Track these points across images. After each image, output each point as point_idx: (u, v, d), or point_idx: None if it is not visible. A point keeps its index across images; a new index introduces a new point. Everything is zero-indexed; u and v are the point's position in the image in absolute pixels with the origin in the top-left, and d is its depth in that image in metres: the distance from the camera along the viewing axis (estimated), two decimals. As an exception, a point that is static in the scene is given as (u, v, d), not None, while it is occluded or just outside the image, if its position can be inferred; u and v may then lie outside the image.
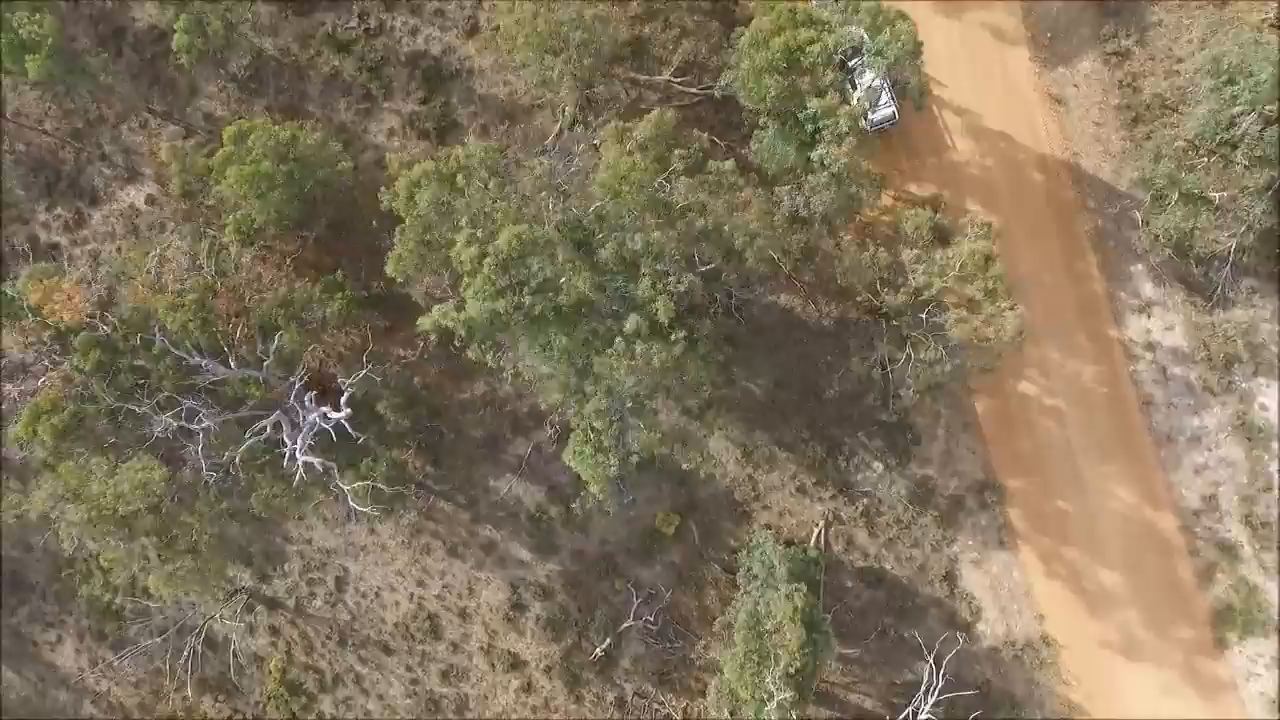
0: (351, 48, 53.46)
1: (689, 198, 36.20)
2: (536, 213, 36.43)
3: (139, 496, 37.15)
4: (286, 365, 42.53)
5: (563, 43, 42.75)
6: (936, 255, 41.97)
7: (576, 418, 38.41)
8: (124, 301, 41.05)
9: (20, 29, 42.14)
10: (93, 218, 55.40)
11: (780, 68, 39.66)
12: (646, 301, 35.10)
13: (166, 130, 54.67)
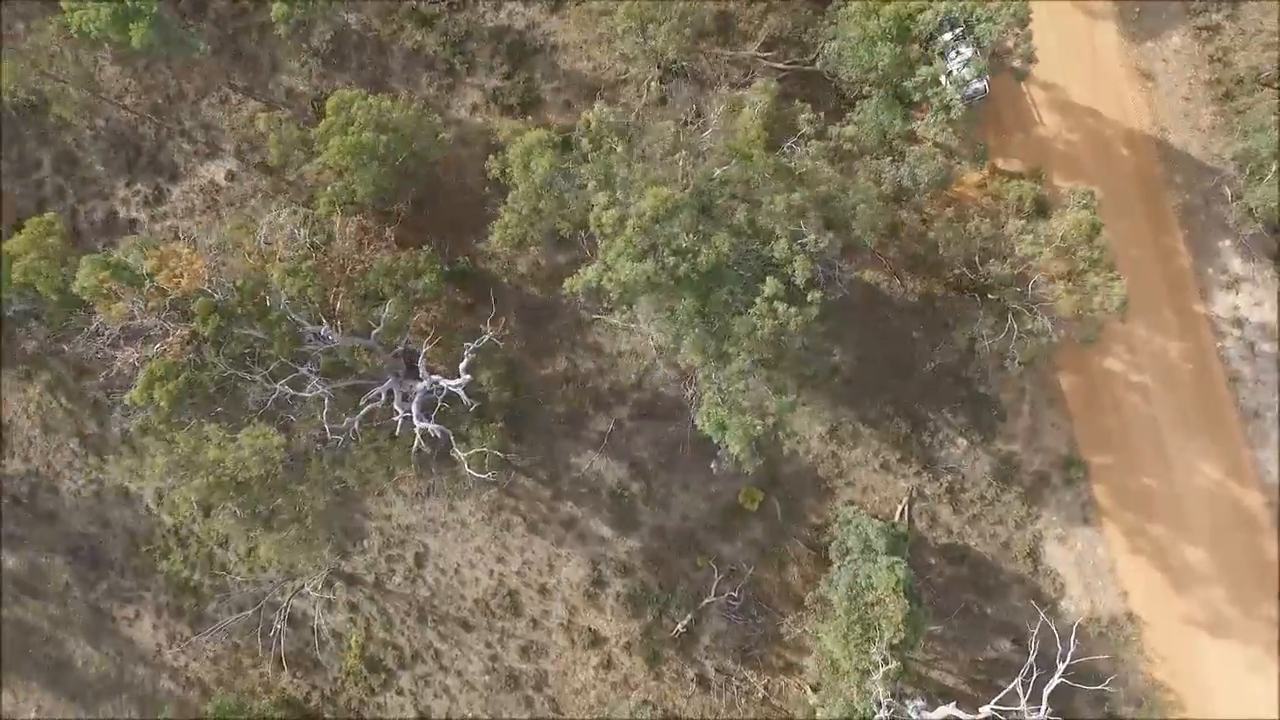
0: (435, 22, 53.34)
1: (814, 163, 36.03)
2: (670, 175, 36.19)
3: (258, 462, 37.08)
4: (393, 334, 42.40)
5: (665, 12, 42.54)
6: (1040, 226, 41.76)
7: (709, 380, 38.25)
8: (231, 270, 40.87)
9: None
10: (172, 193, 55.37)
11: (892, 35, 39.51)
12: (783, 262, 34.99)
13: (248, 105, 54.62)
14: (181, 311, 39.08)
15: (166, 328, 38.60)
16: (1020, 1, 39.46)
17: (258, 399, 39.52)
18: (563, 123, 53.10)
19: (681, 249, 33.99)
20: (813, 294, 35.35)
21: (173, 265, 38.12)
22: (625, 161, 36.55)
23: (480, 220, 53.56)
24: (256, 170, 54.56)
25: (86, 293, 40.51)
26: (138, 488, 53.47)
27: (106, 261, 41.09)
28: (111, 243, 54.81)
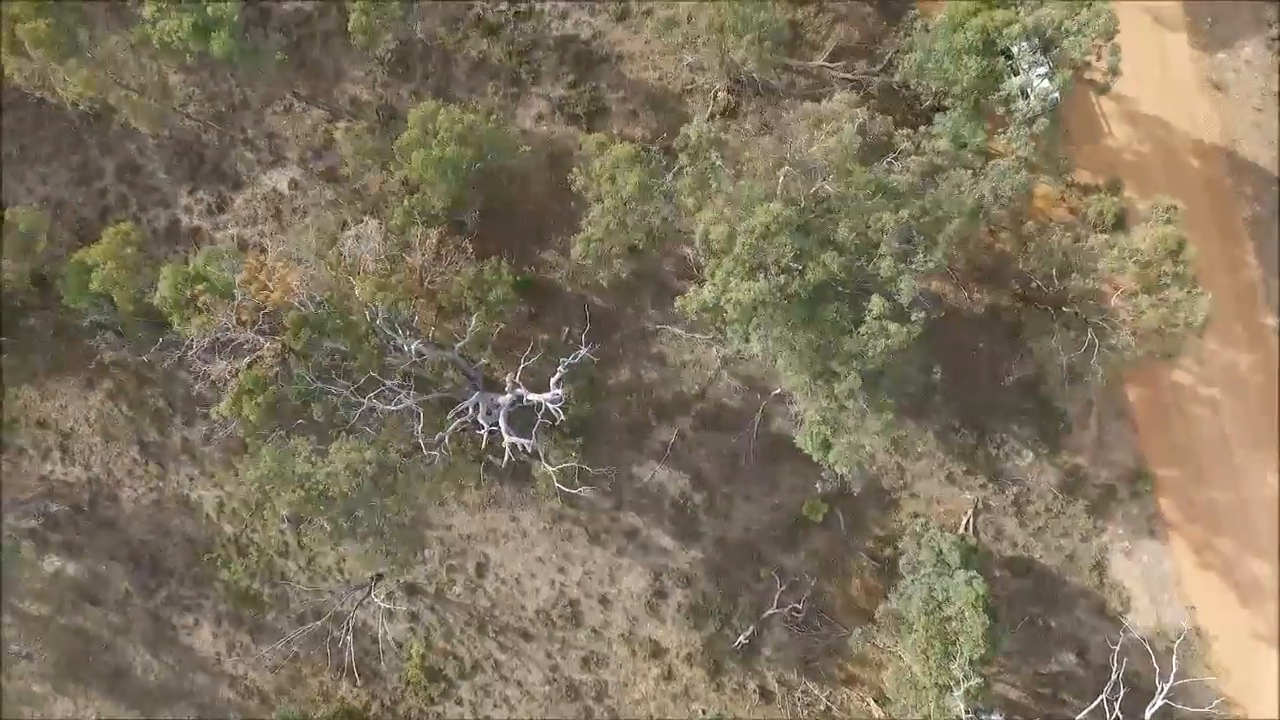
0: (500, 31, 53.27)
1: (912, 178, 35.86)
2: (771, 190, 35.99)
3: (349, 477, 36.97)
4: (478, 347, 42.33)
5: (746, 25, 42.44)
6: (1122, 240, 41.55)
7: (811, 399, 38.03)
8: (315, 282, 40.74)
9: (207, 6, 41.98)
10: (235, 202, 55.33)
11: (978, 48, 39.34)
12: (888, 280, 34.81)
13: (311, 113, 54.59)
14: (270, 324, 38.99)
15: (256, 341, 38.48)
16: (1109, 14, 39.20)
17: (344, 412, 39.40)
18: (629, 132, 53.10)
19: (789, 266, 33.84)
20: (916, 313, 35.19)
21: (263, 278, 38.02)
22: (729, 177, 36.36)
23: (544, 229, 53.67)
24: (320, 178, 54.51)
25: (168, 304, 40.46)
26: (216, 498, 53.52)
27: (188, 271, 41.03)
28: (175, 250, 54.90)
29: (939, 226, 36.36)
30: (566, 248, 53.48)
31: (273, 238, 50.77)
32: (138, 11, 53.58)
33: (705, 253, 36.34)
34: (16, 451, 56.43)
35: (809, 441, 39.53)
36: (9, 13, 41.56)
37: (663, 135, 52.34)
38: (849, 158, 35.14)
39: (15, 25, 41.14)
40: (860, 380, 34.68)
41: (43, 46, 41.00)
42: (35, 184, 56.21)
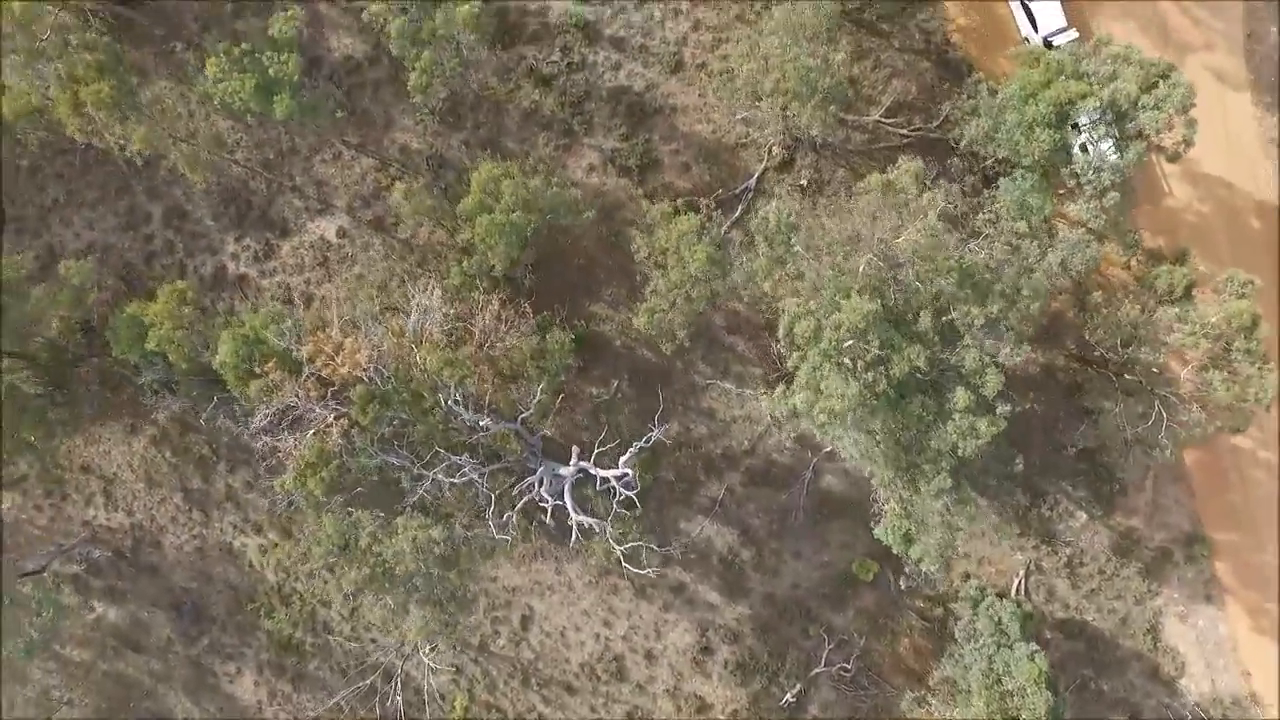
0: (552, 82, 52.75)
1: (992, 258, 35.21)
2: (855, 275, 35.31)
3: (415, 556, 36.55)
4: (541, 418, 41.90)
5: (810, 90, 41.90)
6: (1191, 311, 40.90)
7: (892, 492, 37.49)
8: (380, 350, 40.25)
9: (270, 68, 41.57)
10: (282, 249, 54.93)
11: (1051, 121, 38.74)
12: (973, 373, 34.24)
13: (361, 162, 54.18)
14: (334, 394, 38.52)
15: (321, 414, 38.04)
16: (1185, 88, 38.55)
17: (406, 485, 38.94)
18: (681, 185, 52.62)
19: (874, 361, 33.25)
20: (1002, 406, 34.60)
21: (330, 350, 37.56)
22: (809, 262, 35.75)
23: (595, 281, 53.17)
24: (368, 227, 54.13)
25: (227, 369, 40.10)
26: (259, 546, 53.18)
27: (246, 334, 40.62)
28: (221, 297, 54.57)
29: (1016, 309, 35.67)
30: (617, 300, 53.28)
31: (334, 301, 49.92)
32: (184, 56, 53.93)
33: (788, 344, 35.77)
34: (60, 497, 56.11)
35: (891, 536, 38.89)
36: (71, 72, 41.17)
37: (718, 190, 51.98)
38: (934, 247, 34.36)
39: (78, 88, 40.77)
40: (950, 480, 34.12)
41: (105, 109, 40.63)
42: (82, 229, 55.90)
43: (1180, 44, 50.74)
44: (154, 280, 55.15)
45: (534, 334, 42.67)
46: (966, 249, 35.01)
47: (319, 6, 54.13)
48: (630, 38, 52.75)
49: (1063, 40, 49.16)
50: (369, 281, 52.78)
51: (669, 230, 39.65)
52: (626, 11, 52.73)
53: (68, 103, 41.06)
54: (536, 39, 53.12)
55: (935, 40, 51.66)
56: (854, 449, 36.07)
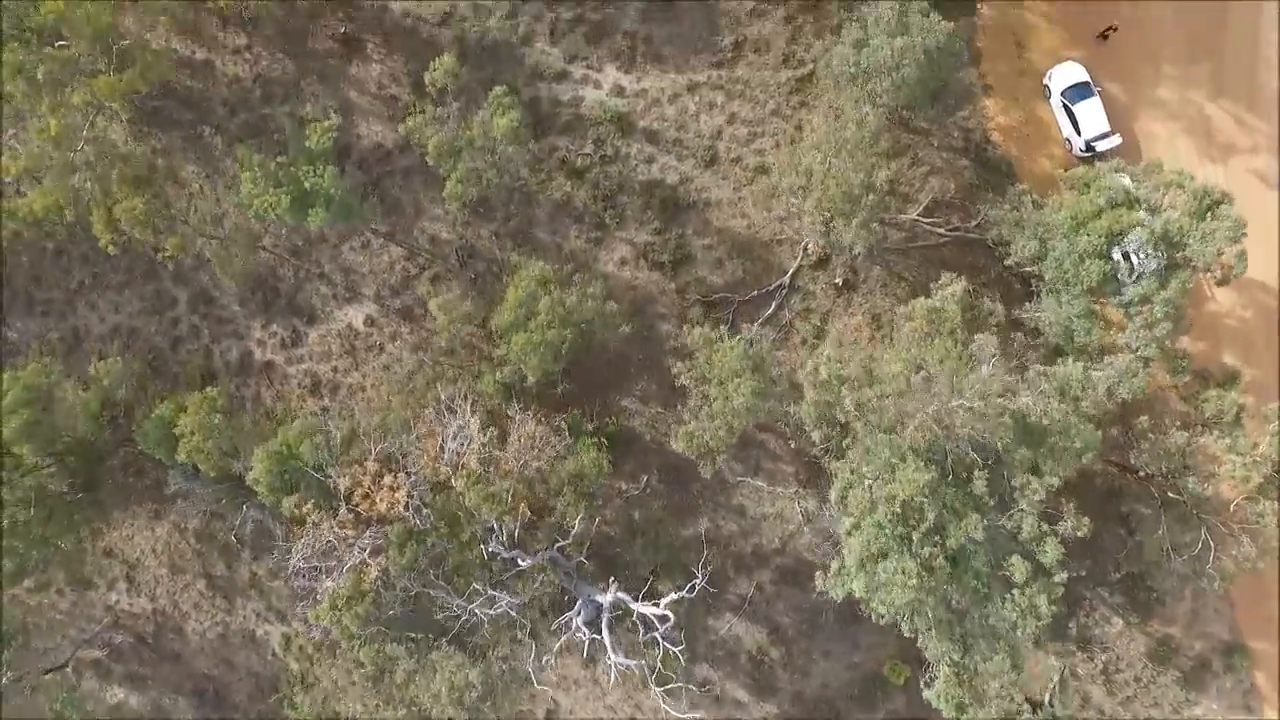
0: (585, 175, 52.11)
1: (1046, 414, 34.35)
2: (898, 419, 34.49)
3: (451, 695, 35.98)
4: (579, 547, 41.33)
5: (852, 204, 41.20)
6: (1240, 439, 40.06)
7: (945, 657, 36.71)
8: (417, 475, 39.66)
9: (305, 181, 41.01)
10: (309, 336, 54.39)
11: (1102, 252, 37.99)
12: (1031, 540, 33.52)
13: (390, 250, 53.61)
14: (372, 531, 37.95)
15: (359, 551, 37.47)
16: (1234, 220, 37.73)
17: (442, 617, 38.40)
18: (714, 280, 51.92)
19: (929, 532, 32.50)
20: (1059, 574, 33.84)
21: (368, 484, 37.05)
22: (860, 424, 34.93)
23: (625, 377, 52.48)
24: (396, 316, 53.58)
25: (261, 486, 39.60)
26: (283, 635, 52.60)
27: (281, 451, 40.11)
28: (246, 383, 53.99)
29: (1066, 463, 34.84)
30: (647, 395, 52.63)
31: (367, 412, 49.25)
32: (212, 139, 53.41)
33: (840, 508, 35.06)
34: (83, 581, 55.66)
35: (944, 703, 37.94)
36: (105, 188, 40.64)
37: (751, 289, 51.30)
38: (991, 409, 33.47)
39: (114, 206, 40.25)
40: (1010, 659, 33.39)
41: (139, 226, 40.13)
42: (108, 312, 55.45)
43: (1224, 145, 49.90)
44: (180, 365, 54.90)
45: (567, 451, 41.90)
46: (1018, 400, 34.21)
47: (349, 94, 53.57)
48: (664, 131, 52.07)
49: (1106, 146, 48.44)
50: (400, 380, 52.13)
51: (711, 358, 38.96)
52: (660, 104, 52.04)
53: (102, 220, 40.58)
54: (569, 130, 52.49)
55: (975, 138, 50.88)
56: (896, 616, 35.29)
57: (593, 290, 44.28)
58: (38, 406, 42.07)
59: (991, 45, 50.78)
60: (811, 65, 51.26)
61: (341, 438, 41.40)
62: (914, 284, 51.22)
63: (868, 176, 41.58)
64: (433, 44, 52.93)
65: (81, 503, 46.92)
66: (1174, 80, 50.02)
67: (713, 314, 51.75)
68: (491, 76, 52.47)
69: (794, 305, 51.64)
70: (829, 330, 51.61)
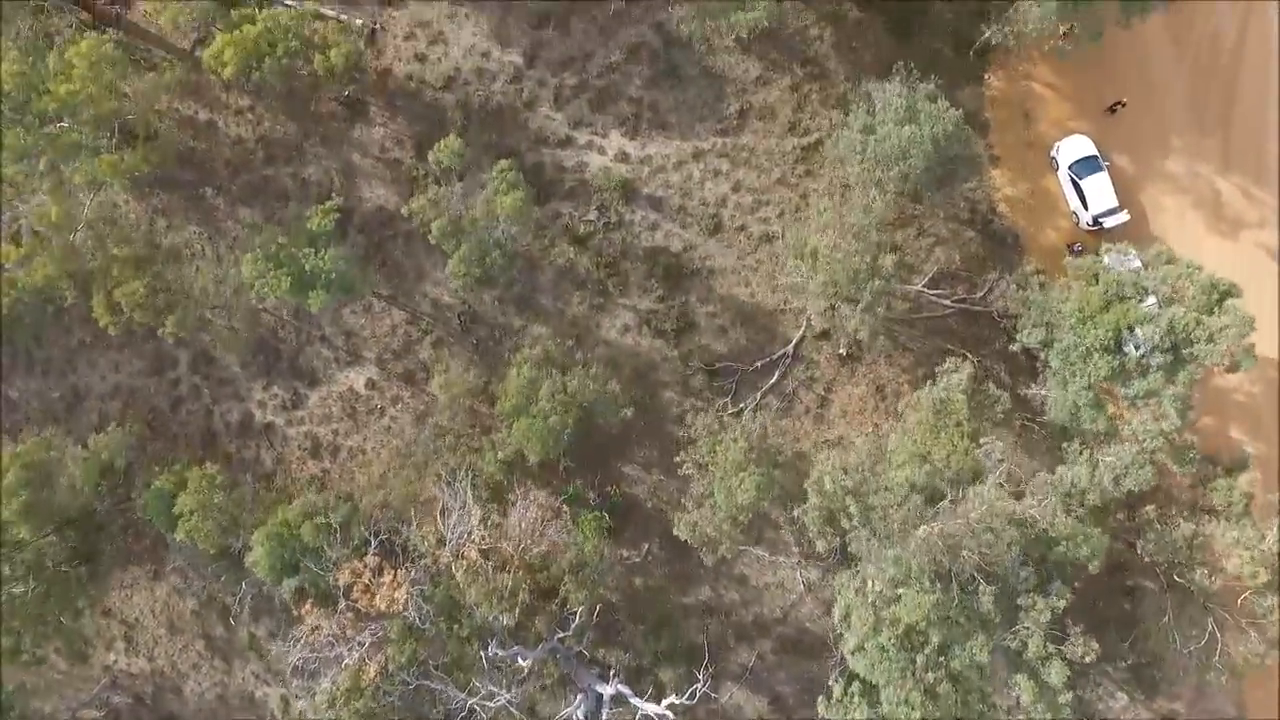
0: (588, 241, 51.80)
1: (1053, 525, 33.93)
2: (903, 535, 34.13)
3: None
4: (579, 637, 41.03)
5: (857, 289, 40.92)
6: (1249, 531, 39.65)
7: None
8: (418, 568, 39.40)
9: (306, 263, 40.77)
10: (309, 399, 54.10)
11: (1110, 346, 37.64)
12: (1038, 659, 33.18)
13: (391, 314, 53.33)
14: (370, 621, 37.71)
15: (358, 647, 37.23)
16: (1242, 317, 37.33)
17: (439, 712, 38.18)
18: (717, 348, 51.57)
19: (933, 654, 32.16)
20: (1064, 695, 33.49)
21: (367, 580, 36.85)
22: (866, 539, 34.60)
23: (626, 445, 52.11)
24: (398, 380, 53.30)
25: (261, 568, 39.37)
26: (281, 696, 52.39)
27: (282, 534, 39.88)
28: (247, 445, 53.73)
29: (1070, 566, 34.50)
30: (649, 462, 52.31)
31: (369, 481, 48.87)
32: (215, 201, 53.14)
33: (843, 625, 34.73)
34: (81, 655, 55.36)
35: None
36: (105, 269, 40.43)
37: (754, 359, 50.98)
38: (997, 523, 33.12)
39: (114, 289, 40.02)
40: None
41: (138, 309, 39.88)
42: (108, 371, 55.22)
43: (1233, 219, 49.53)
44: (180, 426, 54.66)
45: (567, 536, 41.62)
46: (1024, 510, 33.83)
47: (353, 157, 53.31)
48: (668, 198, 51.75)
49: (1114, 222, 48.09)
50: (401, 450, 51.83)
51: (716, 455, 38.69)
52: (665, 171, 51.72)
53: (103, 303, 40.35)
54: (573, 196, 52.18)
55: (981, 209, 50.54)
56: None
57: (594, 371, 43.97)
58: (37, 485, 41.80)
59: (999, 116, 50.46)
60: (818, 134, 50.98)
61: (342, 518, 41.12)
62: (919, 355, 50.95)
63: (873, 261, 41.24)
64: (436, 108, 52.70)
65: (81, 576, 46.65)
66: (1182, 153, 49.66)
67: (715, 382, 51.50)
68: (495, 141, 52.29)
69: (798, 374, 51.32)
70: (833, 400, 51.33)
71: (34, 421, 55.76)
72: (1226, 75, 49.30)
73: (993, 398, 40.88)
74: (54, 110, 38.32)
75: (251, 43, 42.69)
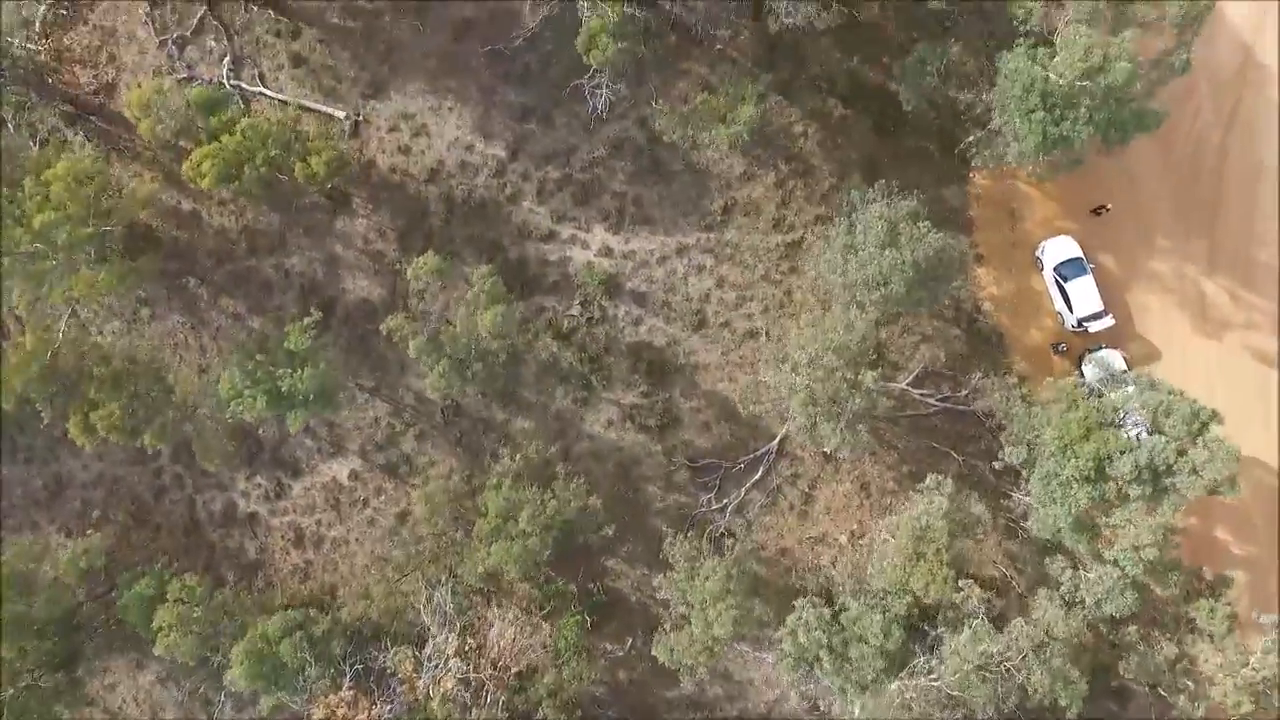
0: (572, 336, 51.58)
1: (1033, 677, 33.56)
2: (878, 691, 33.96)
3: None
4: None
5: (837, 409, 40.73)
6: (1232, 651, 39.43)
7: None
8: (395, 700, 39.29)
9: (283, 383, 40.57)
10: (293, 489, 53.90)
11: (1090, 477, 37.44)
12: None
13: (374, 406, 53.12)
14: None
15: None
16: (1227, 450, 37.10)
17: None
18: (701, 444, 51.38)
19: None
20: None
21: (341, 713, 36.69)
22: (839, 686, 34.41)
23: (610, 539, 51.66)
24: (381, 472, 53.11)
25: (239, 684, 39.22)
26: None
27: (260, 650, 39.73)
28: (230, 534, 53.55)
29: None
30: (632, 556, 52.11)
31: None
32: (198, 290, 52.98)
33: None
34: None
35: None
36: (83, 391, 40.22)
37: (740, 456, 50.79)
38: (972, 681, 32.84)
39: (90, 412, 39.88)
40: None
41: (115, 432, 39.74)
42: (90, 459, 54.86)
43: (1219, 321, 49.27)
44: (163, 515, 54.47)
45: (546, 654, 41.42)
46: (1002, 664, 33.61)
47: (335, 248, 53.09)
48: (652, 293, 51.53)
49: (1098, 327, 47.86)
50: (381, 557, 51.72)
51: (692, 584, 38.50)
52: (649, 266, 51.50)
53: (78, 425, 40.19)
54: (557, 289, 51.96)
55: (966, 307, 50.31)
56: None
57: (575, 486, 43.79)
58: (19, 594, 41.60)
59: (984, 214, 50.24)
60: (802, 231, 50.79)
61: (323, 631, 40.94)
62: (904, 452, 50.77)
63: (855, 377, 41.03)
64: (420, 200, 52.49)
65: (61, 687, 46.47)
66: (1168, 254, 49.44)
67: (699, 478, 51.34)
68: (479, 235, 52.09)
69: (782, 470, 51.12)
70: (817, 496, 51.13)
71: (18, 508, 55.67)
72: (1212, 178, 49.07)
73: (974, 518, 40.65)
74: (29, 241, 38.03)
75: (231, 153, 42.40)
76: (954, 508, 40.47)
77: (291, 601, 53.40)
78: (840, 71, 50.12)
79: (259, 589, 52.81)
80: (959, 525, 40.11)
